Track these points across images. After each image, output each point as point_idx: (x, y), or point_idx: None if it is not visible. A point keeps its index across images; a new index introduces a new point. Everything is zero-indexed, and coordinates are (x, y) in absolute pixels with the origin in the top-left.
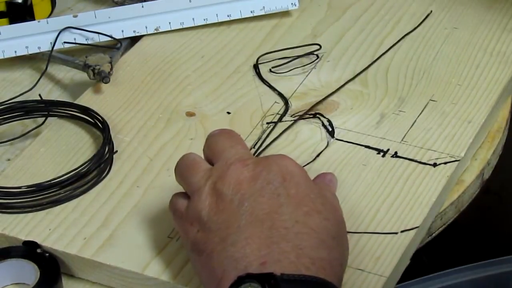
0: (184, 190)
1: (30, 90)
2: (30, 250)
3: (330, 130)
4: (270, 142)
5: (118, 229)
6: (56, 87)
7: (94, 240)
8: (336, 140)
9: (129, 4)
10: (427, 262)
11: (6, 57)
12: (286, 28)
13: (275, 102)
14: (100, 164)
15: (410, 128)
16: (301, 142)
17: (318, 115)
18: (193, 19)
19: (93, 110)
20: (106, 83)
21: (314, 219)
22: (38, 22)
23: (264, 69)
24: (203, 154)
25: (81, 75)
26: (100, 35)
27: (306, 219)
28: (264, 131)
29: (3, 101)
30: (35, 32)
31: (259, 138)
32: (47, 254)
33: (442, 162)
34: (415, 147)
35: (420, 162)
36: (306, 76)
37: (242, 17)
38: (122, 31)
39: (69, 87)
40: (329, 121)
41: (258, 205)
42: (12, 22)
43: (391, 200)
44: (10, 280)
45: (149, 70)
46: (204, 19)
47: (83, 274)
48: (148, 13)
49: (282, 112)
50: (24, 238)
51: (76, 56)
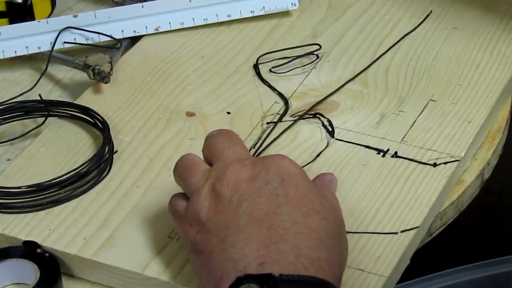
0: (183, 191)
1: (30, 90)
2: (30, 250)
3: (330, 130)
4: (270, 142)
5: (118, 229)
6: (56, 87)
7: (94, 240)
8: (336, 140)
9: (129, 4)
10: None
11: (6, 57)
12: (286, 28)
13: (275, 102)
14: (100, 164)
15: (410, 128)
16: (301, 142)
17: (318, 115)
18: (193, 19)
19: (93, 110)
20: (106, 83)
21: (313, 219)
22: (38, 22)
23: (264, 69)
24: (203, 154)
25: (81, 75)
26: (100, 35)
27: (304, 219)
28: (264, 131)
29: (3, 101)
30: (35, 32)
31: (259, 138)
32: (47, 254)
33: (442, 162)
34: (415, 147)
35: (420, 162)
36: (306, 76)
37: (242, 17)
38: (122, 31)
39: (69, 87)
40: (329, 121)
41: (257, 205)
42: (12, 22)
43: (391, 200)
44: (10, 280)
45: (149, 70)
46: (204, 19)
47: (83, 274)
48: (148, 13)
49: (282, 112)
50: (24, 238)
51: (76, 56)
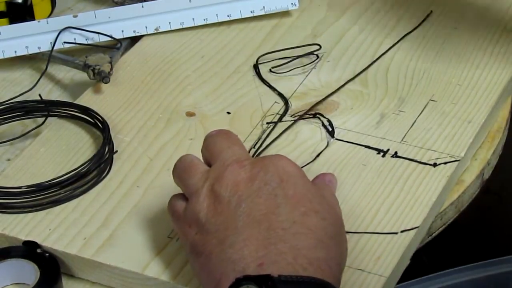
0: (182, 192)
1: (30, 90)
2: (30, 250)
3: (330, 130)
4: (270, 142)
5: (118, 229)
6: (56, 87)
7: (94, 240)
8: (336, 140)
9: (129, 4)
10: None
11: (6, 57)
12: (286, 28)
13: (275, 102)
14: (100, 164)
15: (410, 128)
16: (301, 142)
17: (318, 115)
18: (193, 19)
19: (93, 110)
20: (106, 83)
21: (312, 219)
22: (38, 22)
23: (264, 69)
24: (202, 155)
25: (81, 75)
26: (100, 35)
27: (303, 219)
28: (264, 131)
29: (3, 101)
30: (35, 32)
31: (259, 138)
32: (47, 254)
33: (442, 162)
34: (415, 147)
35: (420, 162)
36: (306, 76)
37: (242, 17)
38: (122, 31)
39: (69, 87)
40: (329, 121)
41: (256, 206)
42: (12, 22)
43: (391, 200)
44: (10, 280)
45: (149, 70)
46: (204, 19)
47: (83, 274)
48: (148, 13)
49: (282, 112)
50: (24, 238)
51: (76, 56)
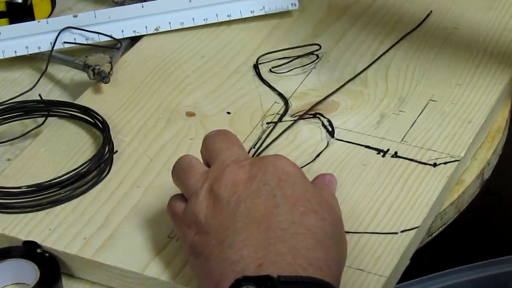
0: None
1: (30, 90)
2: (30, 250)
3: (330, 130)
4: (270, 142)
5: (118, 229)
6: (56, 87)
7: (94, 240)
8: (336, 140)
9: (129, 4)
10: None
11: (6, 57)
12: (286, 28)
13: (275, 102)
14: (100, 164)
15: (410, 128)
16: (301, 142)
17: (318, 115)
18: (193, 19)
19: (93, 110)
20: (106, 83)
21: (311, 219)
22: (38, 22)
23: (264, 69)
24: (201, 155)
25: (81, 75)
26: (100, 35)
27: (302, 219)
28: (264, 131)
29: (3, 101)
30: (35, 32)
31: (259, 138)
32: (47, 254)
33: (442, 162)
34: (415, 147)
35: (420, 162)
36: (306, 76)
37: (242, 17)
38: (122, 31)
39: (69, 87)
40: (329, 121)
41: (254, 206)
42: (12, 22)
43: (391, 200)
44: (10, 280)
45: (149, 70)
46: (204, 19)
47: (83, 274)
48: (148, 13)
49: (282, 112)
50: (24, 238)
51: (76, 56)
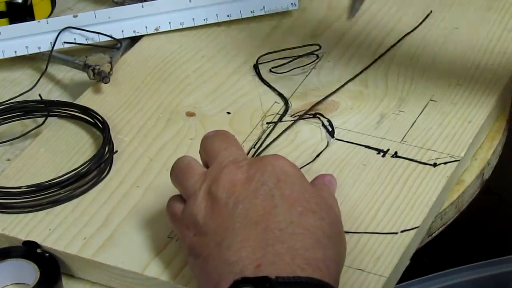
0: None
1: (30, 90)
2: (30, 250)
3: (330, 130)
4: (270, 142)
5: (118, 229)
6: (56, 87)
7: (94, 240)
8: (336, 140)
9: (129, 4)
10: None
11: (6, 57)
12: (286, 28)
13: (275, 102)
14: (100, 164)
15: (410, 128)
16: (301, 142)
17: (318, 115)
18: (193, 19)
19: (93, 110)
20: (106, 83)
21: (309, 219)
22: (38, 22)
23: (264, 69)
24: (200, 156)
25: (81, 75)
26: (100, 35)
27: (300, 219)
28: (264, 131)
29: (3, 101)
30: (35, 32)
31: (259, 138)
32: (47, 254)
33: (442, 162)
34: (415, 147)
35: (420, 162)
36: (306, 76)
37: (242, 17)
38: (122, 31)
39: (69, 87)
40: (329, 121)
41: (253, 207)
42: (12, 22)
43: (391, 200)
44: (10, 280)
45: (149, 70)
46: (204, 19)
47: (83, 274)
48: (148, 13)
49: (282, 112)
50: (24, 238)
51: (76, 56)
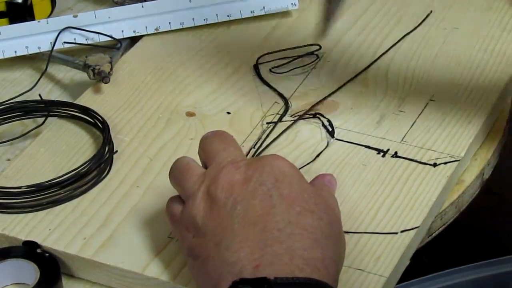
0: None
1: (30, 90)
2: (30, 250)
3: (330, 130)
4: (270, 142)
5: (118, 229)
6: (56, 87)
7: (94, 240)
8: (336, 140)
9: (129, 4)
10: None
11: (6, 57)
12: (286, 28)
13: (275, 102)
14: (100, 164)
15: (410, 128)
16: (301, 142)
17: (318, 115)
18: (193, 19)
19: (93, 110)
20: (106, 83)
21: (307, 219)
22: (38, 22)
23: (264, 69)
24: (199, 157)
25: (81, 75)
26: (100, 35)
27: (299, 219)
28: (264, 131)
29: (3, 101)
30: (35, 32)
31: (259, 138)
32: (47, 254)
33: (442, 162)
34: (415, 147)
35: (420, 162)
36: (306, 76)
37: (242, 17)
38: (122, 31)
39: (69, 87)
40: (329, 121)
41: (251, 207)
42: (12, 22)
43: (391, 200)
44: (10, 280)
45: (149, 70)
46: (204, 19)
47: (83, 274)
48: (148, 13)
49: (282, 112)
50: (24, 238)
51: (76, 56)
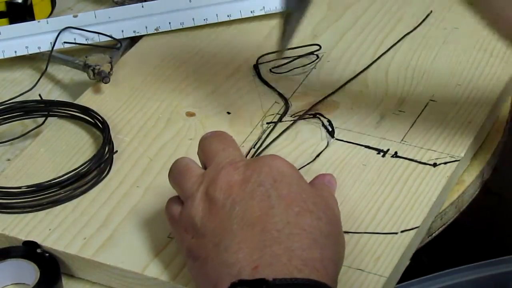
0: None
1: (30, 90)
2: (30, 250)
3: (330, 130)
4: (270, 142)
5: (118, 229)
6: (56, 87)
7: (94, 240)
8: (336, 140)
9: (129, 4)
10: (427, 262)
11: (6, 57)
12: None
13: (275, 102)
14: (100, 164)
15: (410, 128)
16: (301, 142)
17: (318, 115)
18: (193, 19)
19: (93, 110)
20: (106, 83)
21: (306, 219)
22: (38, 22)
23: (264, 69)
24: (198, 157)
25: (81, 75)
26: (100, 35)
27: (297, 219)
28: (264, 131)
29: (3, 101)
30: (35, 32)
31: (259, 138)
32: (47, 254)
33: (442, 162)
34: (415, 147)
35: (420, 162)
36: (306, 76)
37: (242, 17)
38: (122, 31)
39: (69, 87)
40: (329, 121)
41: (249, 208)
42: (12, 22)
43: (391, 200)
44: (10, 280)
45: (149, 70)
46: (204, 19)
47: (83, 274)
48: (148, 13)
49: (282, 112)
50: (24, 238)
51: (76, 56)
